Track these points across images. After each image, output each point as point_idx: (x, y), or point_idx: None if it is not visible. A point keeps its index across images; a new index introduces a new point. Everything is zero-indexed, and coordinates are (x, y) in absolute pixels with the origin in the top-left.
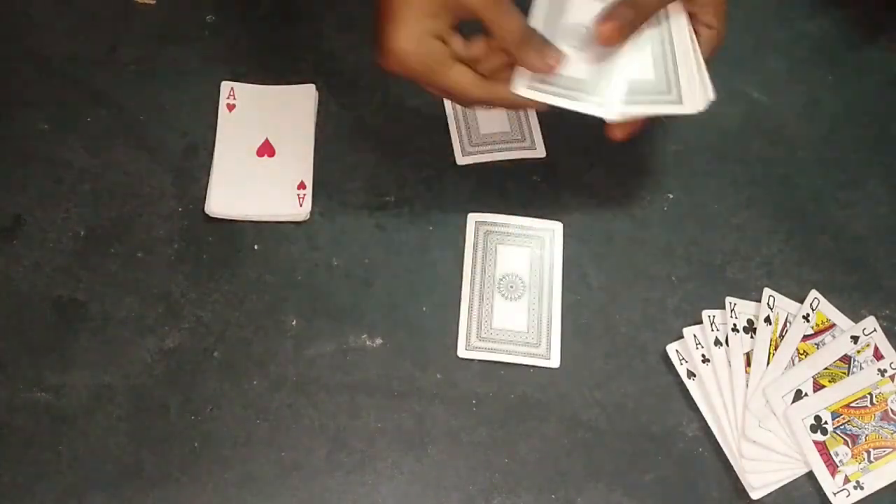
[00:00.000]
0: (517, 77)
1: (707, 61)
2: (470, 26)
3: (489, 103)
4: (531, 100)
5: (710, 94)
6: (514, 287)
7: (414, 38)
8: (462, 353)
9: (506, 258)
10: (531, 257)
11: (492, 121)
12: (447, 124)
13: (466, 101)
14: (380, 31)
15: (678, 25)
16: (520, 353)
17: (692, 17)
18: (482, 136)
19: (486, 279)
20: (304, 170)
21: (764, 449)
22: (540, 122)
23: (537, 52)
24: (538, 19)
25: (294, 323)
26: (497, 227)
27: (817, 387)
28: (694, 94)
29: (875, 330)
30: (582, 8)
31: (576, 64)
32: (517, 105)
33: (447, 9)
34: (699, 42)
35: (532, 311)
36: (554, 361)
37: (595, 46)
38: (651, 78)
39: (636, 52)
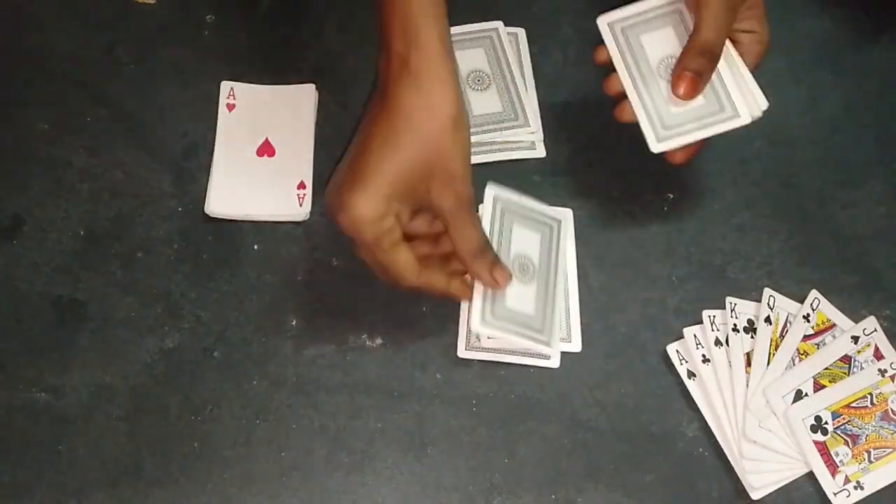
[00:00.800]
0: (473, 316)
1: (754, 67)
2: None
3: (420, 290)
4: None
5: (763, 102)
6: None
7: (376, 210)
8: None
9: (519, 239)
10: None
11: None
12: None
13: (397, 284)
14: (344, 188)
15: None
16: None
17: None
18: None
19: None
20: (304, 170)
21: (764, 449)
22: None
23: (489, 267)
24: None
25: (294, 323)
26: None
27: (818, 387)
28: (747, 102)
29: (875, 330)
30: (521, 238)
31: (522, 297)
32: (449, 294)
33: (415, 197)
34: (743, 50)
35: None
36: (553, 351)
37: (536, 284)
38: (702, 103)
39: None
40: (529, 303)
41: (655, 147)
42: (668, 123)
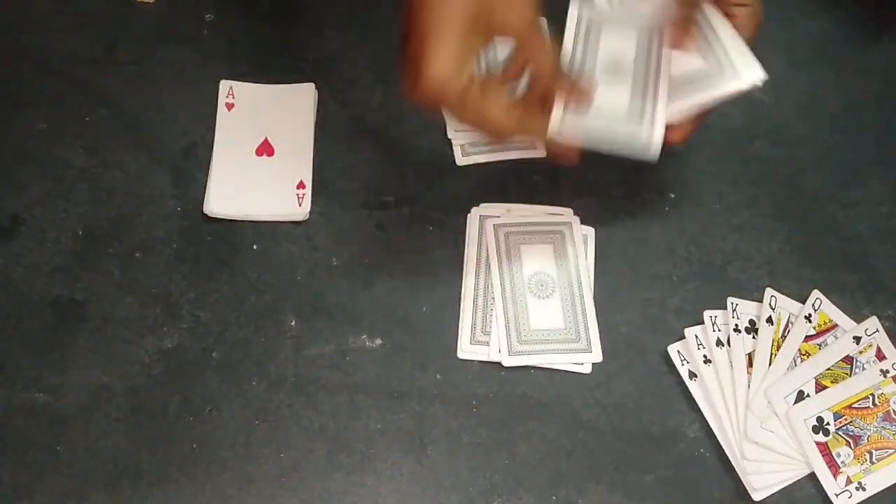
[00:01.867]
0: (554, 117)
1: (750, 41)
2: None
3: (522, 136)
4: (568, 137)
5: (760, 73)
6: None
7: (452, 62)
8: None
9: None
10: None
11: None
12: (446, 126)
13: (498, 134)
14: (413, 58)
15: (711, 11)
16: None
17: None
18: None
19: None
20: (304, 169)
21: (766, 450)
22: None
23: (572, 77)
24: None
25: (293, 323)
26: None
27: (819, 387)
28: (749, 66)
29: (877, 330)
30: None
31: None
32: (550, 143)
33: (482, 28)
34: (737, 24)
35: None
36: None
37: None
38: (702, 66)
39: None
40: (557, 317)
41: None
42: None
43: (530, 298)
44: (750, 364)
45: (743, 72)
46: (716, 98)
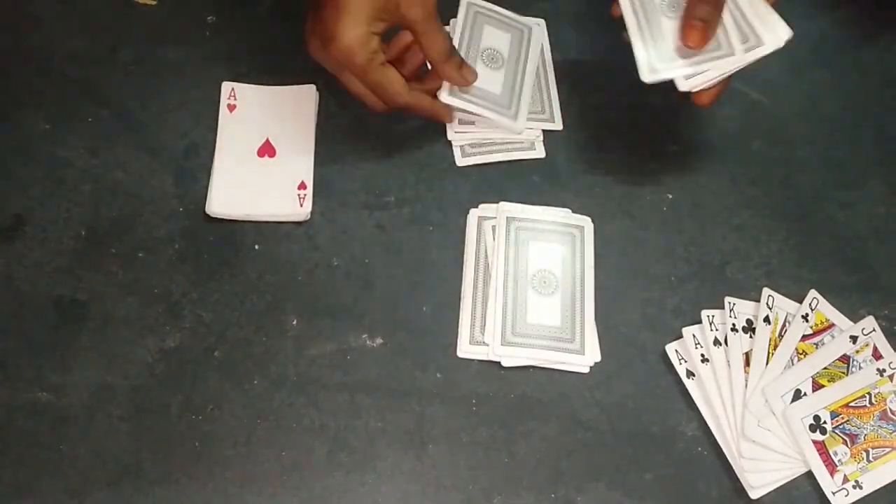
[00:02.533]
0: (443, 88)
1: (774, 4)
2: None
3: (411, 107)
4: (451, 106)
5: (786, 30)
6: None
7: (361, 33)
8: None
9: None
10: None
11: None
12: (446, 127)
13: (392, 101)
14: (324, 21)
15: None
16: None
17: None
18: (482, 138)
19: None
20: (305, 170)
21: (763, 448)
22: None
23: (458, 68)
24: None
25: (294, 323)
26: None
27: (816, 386)
28: (772, 29)
29: (874, 330)
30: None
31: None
32: (435, 112)
33: (387, 14)
34: None
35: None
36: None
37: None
38: (729, 30)
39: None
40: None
41: (647, 77)
42: (667, 56)
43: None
44: (747, 363)
45: (766, 38)
46: (746, 62)
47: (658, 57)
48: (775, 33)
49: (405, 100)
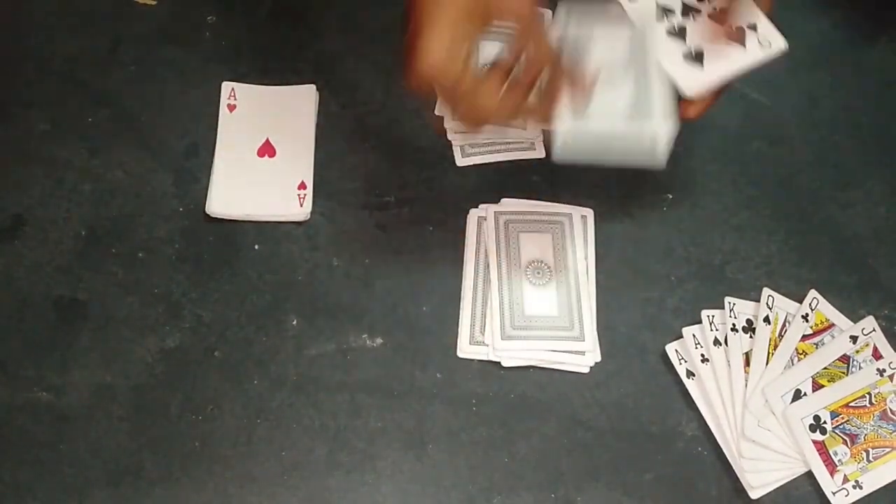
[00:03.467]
0: (560, 120)
1: (767, 13)
2: None
3: (504, 123)
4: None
5: (781, 42)
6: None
7: (447, 44)
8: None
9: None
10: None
11: None
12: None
13: (484, 119)
14: (413, 41)
15: None
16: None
17: None
18: (481, 137)
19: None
20: (305, 170)
21: (763, 448)
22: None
23: (571, 65)
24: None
25: (294, 323)
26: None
27: (816, 386)
28: (774, 35)
29: (874, 330)
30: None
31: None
32: (541, 116)
33: (482, 12)
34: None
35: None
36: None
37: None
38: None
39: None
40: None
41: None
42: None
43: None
44: (747, 363)
45: (773, 42)
46: (741, 69)
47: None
48: (774, 42)
49: (496, 118)
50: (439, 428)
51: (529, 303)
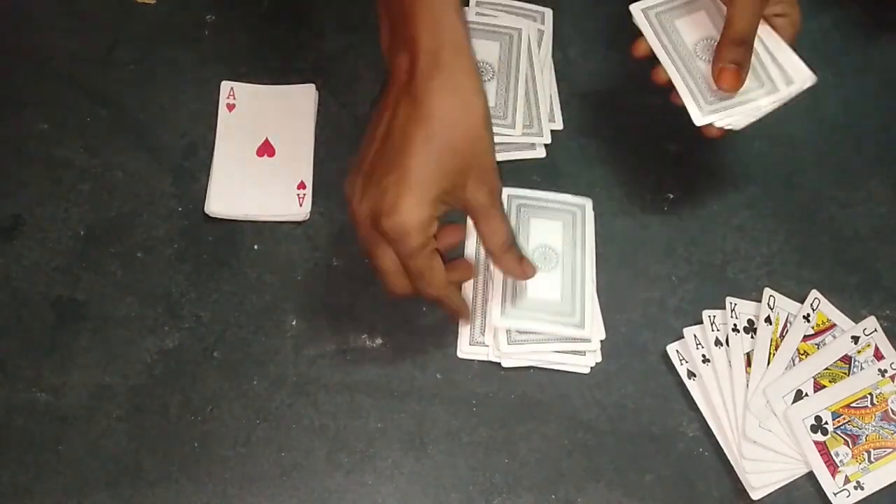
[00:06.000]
0: (494, 313)
1: (791, 46)
2: None
3: (439, 301)
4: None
5: (809, 75)
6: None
7: (425, 216)
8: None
9: (538, 229)
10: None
11: None
12: None
13: (425, 292)
14: (384, 191)
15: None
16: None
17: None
18: None
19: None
20: (304, 170)
21: (764, 449)
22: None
23: (517, 259)
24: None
25: (294, 323)
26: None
27: (818, 387)
28: (800, 70)
29: (875, 330)
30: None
31: (547, 286)
32: (462, 313)
33: (452, 198)
34: (779, 33)
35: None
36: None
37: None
38: (756, 75)
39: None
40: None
41: (700, 120)
42: (710, 100)
43: None
44: (748, 364)
45: (796, 78)
46: (776, 104)
47: (705, 99)
48: (801, 75)
49: (440, 294)
50: (439, 428)
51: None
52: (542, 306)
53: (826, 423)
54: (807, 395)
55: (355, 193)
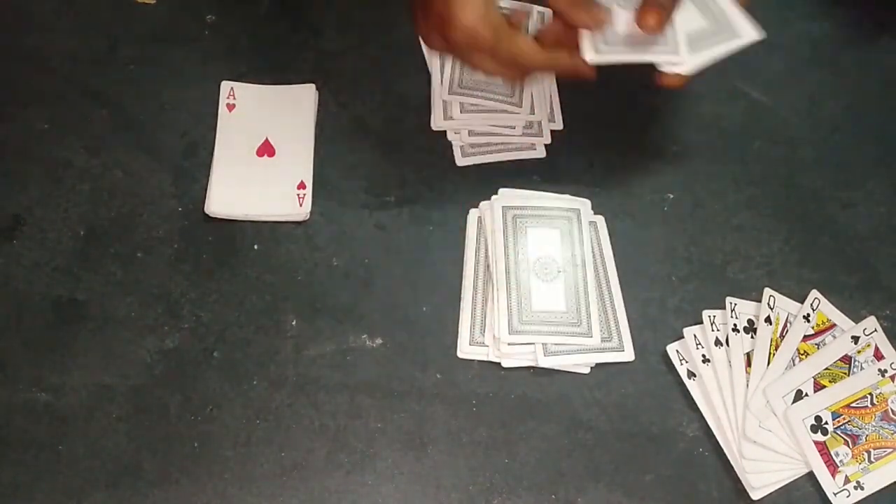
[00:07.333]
0: (585, 44)
1: (744, 7)
2: None
3: (550, 69)
4: (596, 64)
5: (755, 31)
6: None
7: (478, 7)
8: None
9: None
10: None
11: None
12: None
13: (529, 67)
14: (436, 8)
15: None
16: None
17: None
18: (482, 139)
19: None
20: (304, 170)
21: (764, 449)
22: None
23: (587, 9)
24: None
25: (294, 323)
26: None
27: (818, 387)
28: (745, 26)
29: (875, 330)
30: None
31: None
32: (577, 69)
33: None
34: None
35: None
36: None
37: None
38: (705, 25)
39: (682, 10)
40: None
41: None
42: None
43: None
44: (748, 364)
45: (742, 32)
46: (724, 54)
47: (604, 40)
48: (750, 31)
49: (542, 62)
50: (439, 428)
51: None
52: (548, 318)
53: (826, 423)
54: (807, 395)
55: (422, 29)
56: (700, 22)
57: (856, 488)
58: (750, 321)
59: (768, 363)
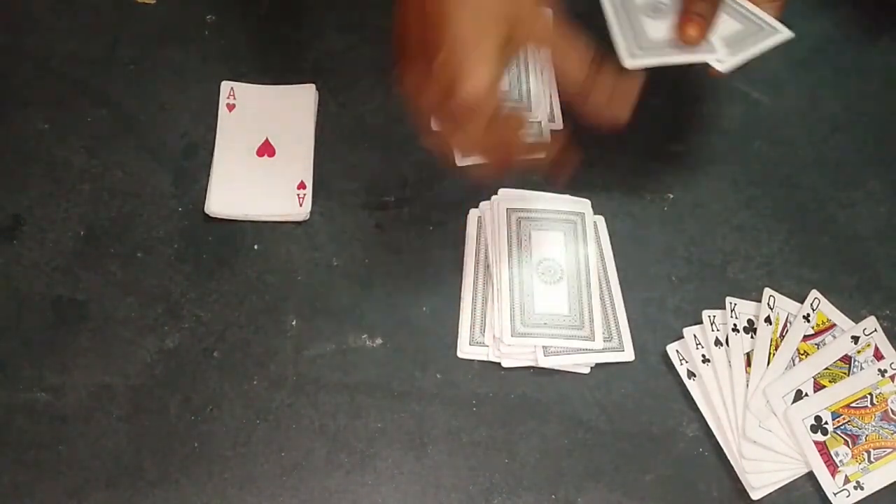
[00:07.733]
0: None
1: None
2: None
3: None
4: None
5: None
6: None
7: (491, 77)
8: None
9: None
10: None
11: None
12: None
13: (518, 141)
14: (454, 60)
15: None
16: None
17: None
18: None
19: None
20: (304, 170)
21: (764, 449)
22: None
23: (607, 75)
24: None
25: (294, 323)
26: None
27: (818, 387)
28: (779, 24)
29: (875, 330)
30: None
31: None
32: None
33: (512, 42)
34: (763, 7)
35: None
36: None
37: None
38: (740, 27)
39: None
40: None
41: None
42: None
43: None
44: (748, 363)
45: (778, 27)
46: (759, 51)
47: (638, 45)
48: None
49: (521, 151)
50: (439, 428)
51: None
52: (551, 321)
53: (826, 423)
54: (807, 395)
55: (422, 92)
56: (733, 25)
57: (856, 488)
58: (750, 321)
59: (768, 363)
